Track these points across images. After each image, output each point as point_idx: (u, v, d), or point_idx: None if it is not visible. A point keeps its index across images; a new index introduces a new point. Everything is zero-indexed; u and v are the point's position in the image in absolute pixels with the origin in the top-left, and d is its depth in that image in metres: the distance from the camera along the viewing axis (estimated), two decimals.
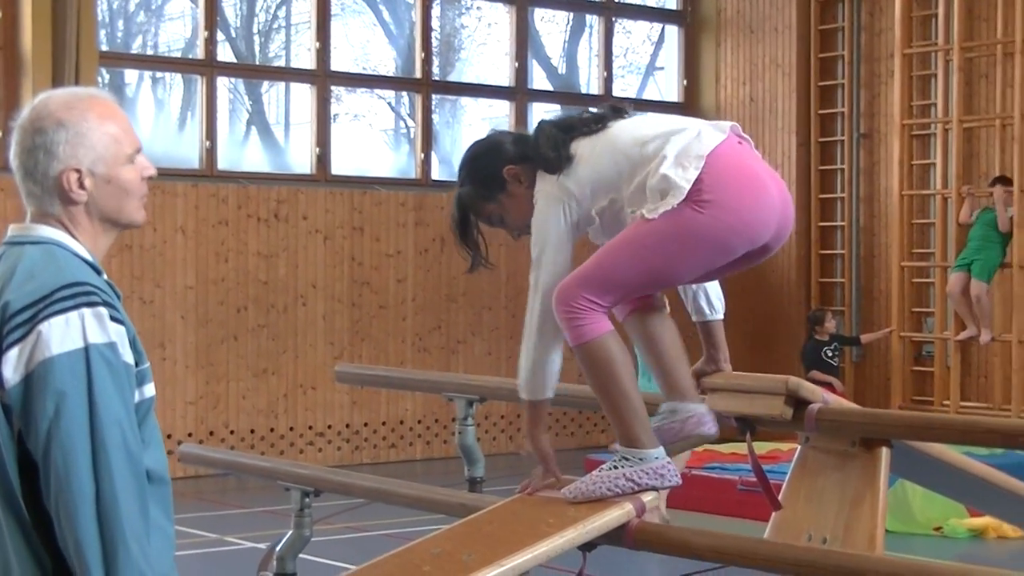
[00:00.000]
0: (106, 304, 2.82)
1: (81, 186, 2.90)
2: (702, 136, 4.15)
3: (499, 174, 4.37)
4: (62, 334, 2.75)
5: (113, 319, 2.82)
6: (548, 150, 4.31)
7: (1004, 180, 13.98)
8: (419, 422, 14.72)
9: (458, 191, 4.49)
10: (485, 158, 4.47)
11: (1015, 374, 14.11)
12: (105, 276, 2.94)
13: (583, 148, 4.30)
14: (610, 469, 4.17)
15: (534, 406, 4.33)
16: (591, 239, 4.44)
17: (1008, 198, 13.81)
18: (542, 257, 4.25)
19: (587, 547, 4.12)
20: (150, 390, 2.96)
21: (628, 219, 4.20)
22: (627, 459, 4.16)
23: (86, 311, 2.78)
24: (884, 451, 4.28)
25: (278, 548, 5.16)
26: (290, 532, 5.17)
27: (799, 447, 4.42)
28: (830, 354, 14.28)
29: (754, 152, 4.29)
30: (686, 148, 4.13)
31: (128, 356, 2.85)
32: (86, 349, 2.76)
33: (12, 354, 2.77)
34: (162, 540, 2.92)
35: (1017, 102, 14.26)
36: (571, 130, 4.34)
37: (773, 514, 4.35)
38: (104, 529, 2.74)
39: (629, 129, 4.32)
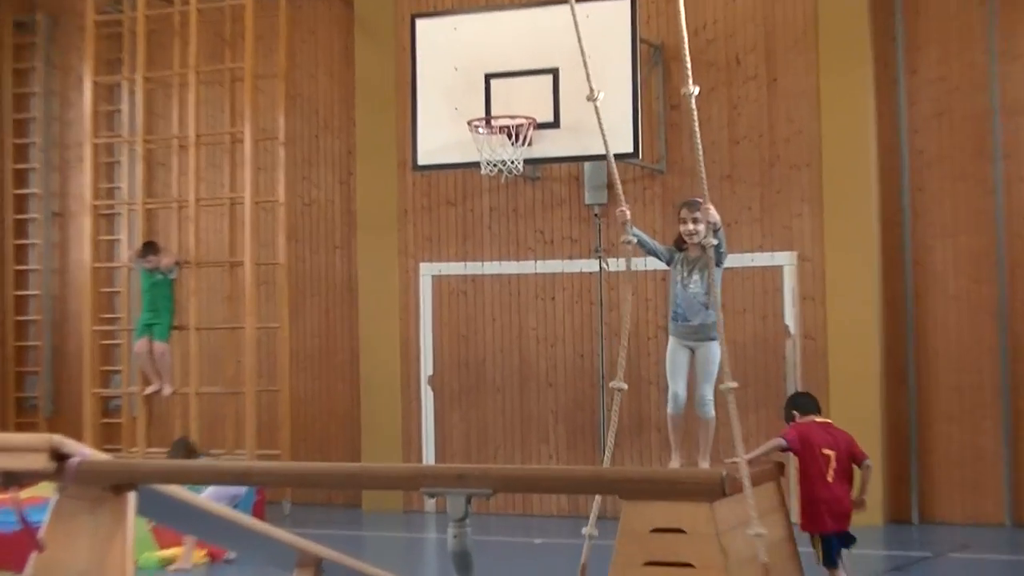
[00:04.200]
0: None
1: None
2: None
3: None
4: None
5: None
6: None
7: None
8: None
9: None
10: None
11: (192, 422, 14.10)
12: None
13: None
14: None
15: None
16: None
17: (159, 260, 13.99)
18: None
19: None
20: None
21: None
22: None
23: None
24: (131, 495, 4.32)
25: None
26: None
27: (55, 497, 4.33)
28: None
29: None
30: None
31: None
32: None
33: None
34: None
35: (191, 188, 14.40)
36: None
37: (34, 555, 4.26)
38: None
39: None
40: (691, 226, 8.71)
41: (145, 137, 15.19)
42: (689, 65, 8.11)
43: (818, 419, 9.10)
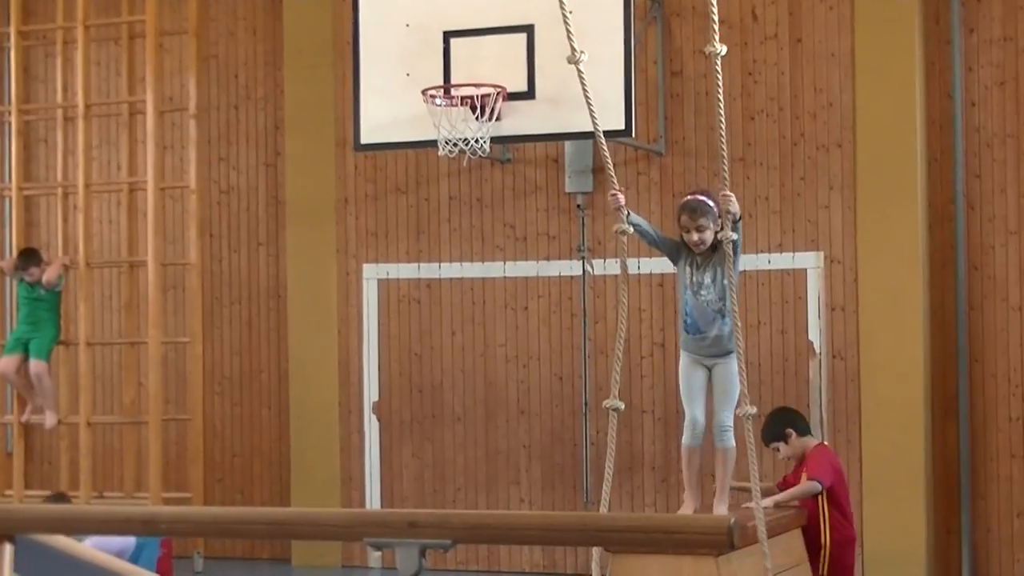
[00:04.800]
0: None
1: None
2: None
3: None
4: None
5: None
6: None
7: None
8: None
9: None
10: None
11: (83, 458, 14.03)
12: None
13: None
14: None
15: None
16: None
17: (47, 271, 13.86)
18: None
19: None
20: None
21: None
22: None
23: None
24: (7, 547, 4.27)
25: None
26: None
27: None
28: None
29: None
30: None
31: None
32: None
33: None
34: None
35: (80, 170, 14.23)
36: None
37: None
38: None
39: None
40: (695, 236, 8.99)
41: (21, 106, 14.99)
42: (716, 15, 8.15)
43: (824, 442, 9.31)
